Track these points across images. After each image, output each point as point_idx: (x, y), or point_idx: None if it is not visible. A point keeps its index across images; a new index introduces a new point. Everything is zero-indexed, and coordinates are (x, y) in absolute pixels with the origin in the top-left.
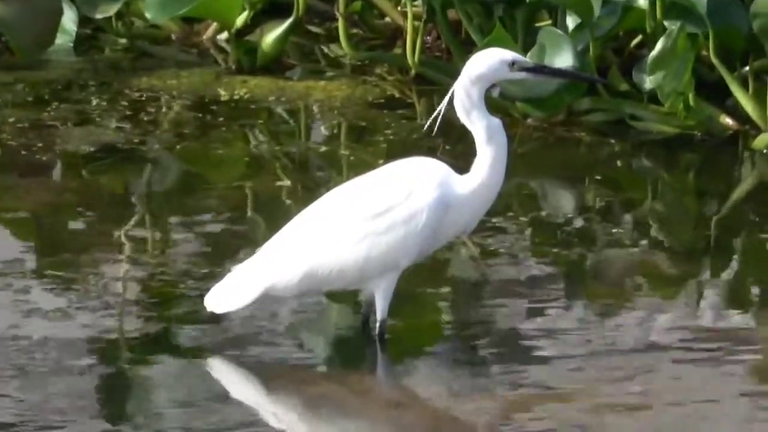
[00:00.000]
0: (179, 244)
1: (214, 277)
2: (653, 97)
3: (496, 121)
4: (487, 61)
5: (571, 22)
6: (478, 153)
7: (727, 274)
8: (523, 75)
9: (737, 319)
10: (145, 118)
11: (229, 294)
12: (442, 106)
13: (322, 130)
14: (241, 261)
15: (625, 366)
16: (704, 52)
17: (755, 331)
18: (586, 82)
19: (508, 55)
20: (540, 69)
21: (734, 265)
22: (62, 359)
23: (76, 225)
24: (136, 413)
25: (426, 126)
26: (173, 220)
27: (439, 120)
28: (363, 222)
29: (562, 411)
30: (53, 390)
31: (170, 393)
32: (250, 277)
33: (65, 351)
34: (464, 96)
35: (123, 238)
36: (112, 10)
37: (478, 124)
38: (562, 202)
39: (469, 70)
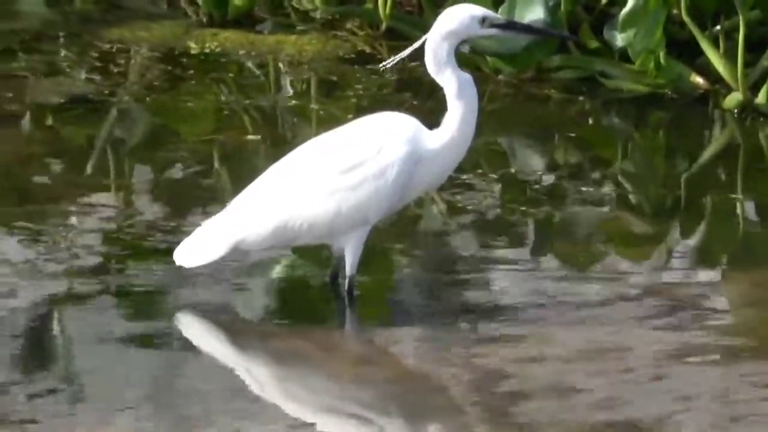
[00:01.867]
0: (147, 197)
1: (182, 230)
2: (624, 55)
3: (467, 76)
4: (458, 17)
5: None
6: (448, 108)
7: (695, 233)
8: (493, 31)
9: (704, 277)
10: (115, 70)
11: (199, 248)
12: (407, 51)
13: (291, 85)
14: (209, 215)
15: (591, 320)
16: (675, 11)
17: (722, 289)
18: (556, 39)
19: (479, 11)
20: (511, 25)
21: (703, 224)
22: (30, 310)
23: (44, 176)
24: (103, 367)
25: (384, 64)
26: (142, 172)
27: (393, 62)
28: (333, 176)
29: (530, 366)
30: (19, 343)
31: (137, 347)
32: (220, 231)
33: (33, 302)
34: (435, 51)
35: (91, 191)
36: None
37: (449, 79)
38: (532, 159)
39: (439, 25)
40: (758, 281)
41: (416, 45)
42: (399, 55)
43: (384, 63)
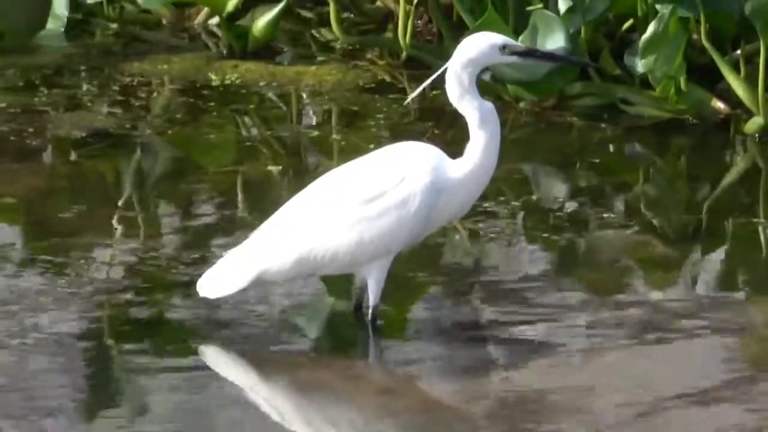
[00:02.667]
0: (170, 229)
1: (205, 262)
2: (645, 81)
3: (489, 105)
4: (478, 45)
5: (562, 5)
6: (471, 137)
7: (718, 259)
8: (514, 59)
9: (728, 302)
10: (137, 104)
11: (222, 279)
12: (428, 81)
13: (313, 115)
14: (232, 246)
15: (618, 349)
16: (695, 36)
17: (746, 314)
18: (576, 66)
19: (499, 38)
20: (531, 53)
21: (725, 249)
22: (54, 344)
23: (67, 210)
24: (128, 398)
25: (408, 99)
26: (164, 205)
27: (417, 94)
28: (356, 206)
29: (555, 395)
30: (46, 377)
31: (162, 378)
32: (243, 262)
33: (57, 336)
34: (456, 80)
35: (114, 223)
36: None
37: (471, 108)
38: (554, 186)
39: (460, 54)
40: None
41: (437, 74)
42: (420, 86)
43: (408, 98)
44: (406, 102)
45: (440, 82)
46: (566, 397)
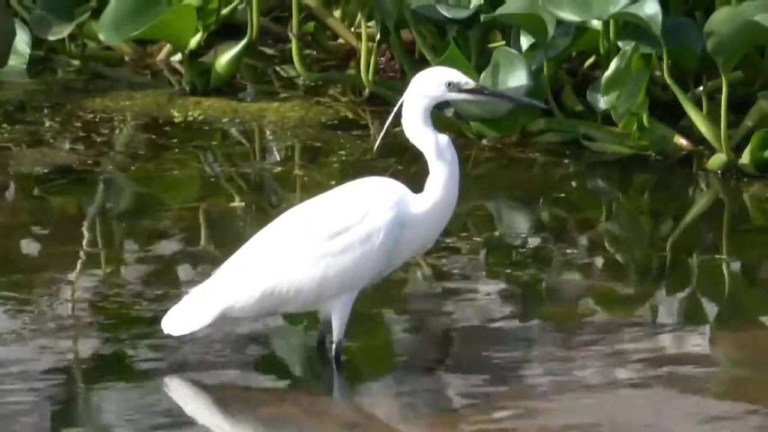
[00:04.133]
0: (133, 266)
1: (168, 298)
2: (607, 118)
3: (444, 138)
4: (426, 81)
5: (525, 42)
6: (430, 171)
7: (681, 295)
8: (462, 96)
9: (691, 339)
10: (99, 140)
11: (186, 316)
12: (388, 122)
13: (275, 152)
14: (195, 282)
15: (580, 386)
16: (658, 73)
17: (709, 351)
18: (526, 107)
19: (445, 75)
20: (478, 90)
21: (688, 285)
22: (16, 381)
23: (29, 246)
24: None
25: (375, 146)
26: (127, 241)
27: (381, 137)
28: (319, 242)
29: (523, 429)
30: (6, 412)
31: (125, 416)
32: (207, 299)
33: (19, 373)
34: (410, 114)
35: (77, 260)
36: (65, 32)
37: (426, 142)
38: (517, 222)
39: (411, 89)
40: (745, 342)
41: (395, 110)
42: (384, 127)
43: (375, 144)
44: (374, 147)
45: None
46: (530, 429)
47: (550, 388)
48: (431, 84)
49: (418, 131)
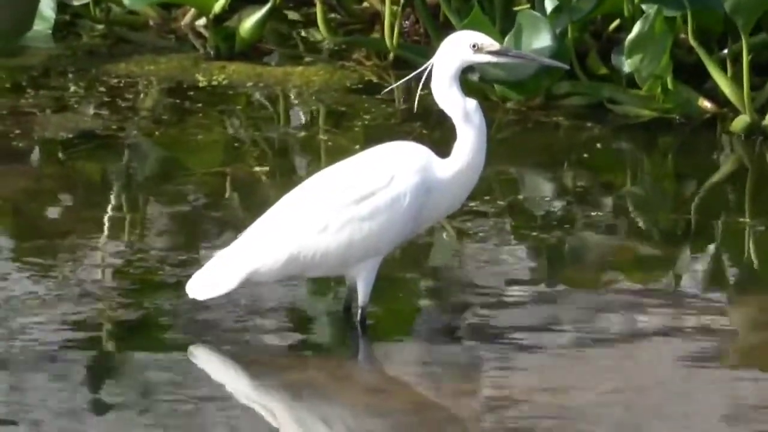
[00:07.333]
0: (158, 231)
1: (193, 263)
2: (631, 81)
3: (472, 102)
4: (453, 44)
5: (549, 5)
6: (458, 136)
7: (705, 257)
8: (487, 58)
9: (714, 302)
10: (123, 105)
11: (211, 280)
12: (406, 78)
13: (300, 116)
14: (220, 247)
15: (606, 351)
16: (682, 35)
17: (731, 314)
18: (549, 67)
19: (471, 37)
20: (503, 52)
21: (712, 248)
22: (41, 347)
23: (54, 212)
24: (116, 401)
25: (385, 91)
26: (152, 206)
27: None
28: (346, 207)
29: (542, 395)
30: (32, 378)
31: (152, 380)
32: (232, 263)
33: (44, 339)
34: (438, 78)
35: (101, 225)
36: None
37: (454, 106)
38: (541, 186)
39: (439, 53)
40: (766, 305)
41: (417, 72)
42: (399, 81)
43: (385, 90)
44: (383, 92)
45: (430, 81)
46: (554, 397)
47: (573, 352)
48: (458, 46)
49: (447, 95)
